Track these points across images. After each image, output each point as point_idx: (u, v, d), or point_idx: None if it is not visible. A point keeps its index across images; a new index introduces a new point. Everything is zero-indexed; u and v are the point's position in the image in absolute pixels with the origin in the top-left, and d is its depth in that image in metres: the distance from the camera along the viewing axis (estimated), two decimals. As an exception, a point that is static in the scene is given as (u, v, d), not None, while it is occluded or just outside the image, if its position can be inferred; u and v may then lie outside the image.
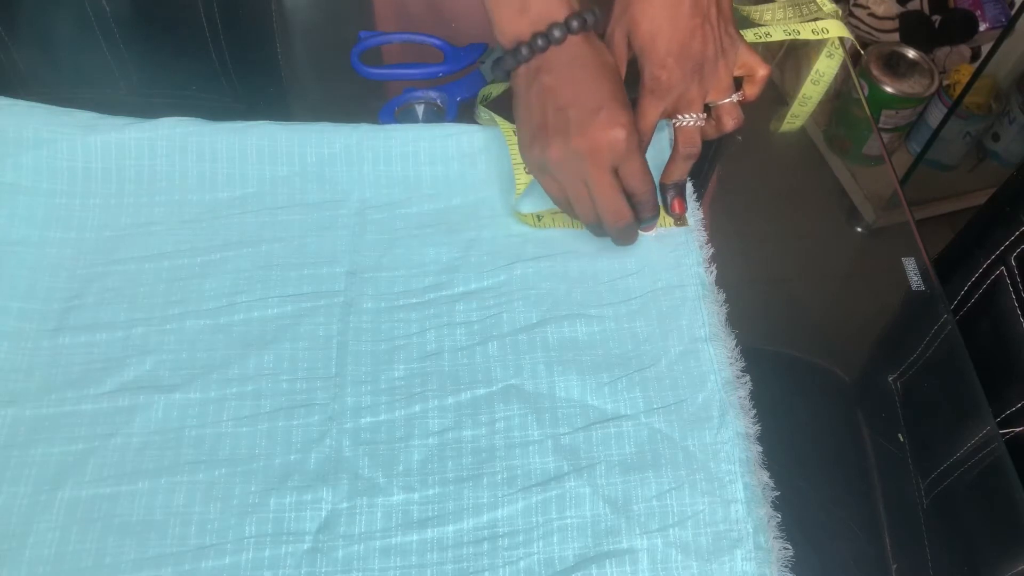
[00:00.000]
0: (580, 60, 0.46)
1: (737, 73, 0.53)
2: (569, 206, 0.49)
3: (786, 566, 0.40)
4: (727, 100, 0.52)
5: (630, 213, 0.48)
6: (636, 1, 0.49)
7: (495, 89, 0.57)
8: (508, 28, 0.47)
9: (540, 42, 0.46)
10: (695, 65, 0.49)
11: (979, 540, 0.43)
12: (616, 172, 0.47)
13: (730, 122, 0.52)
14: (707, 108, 0.52)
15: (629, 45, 0.51)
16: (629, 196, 0.49)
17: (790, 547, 0.41)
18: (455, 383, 0.46)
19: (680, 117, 0.51)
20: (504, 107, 0.52)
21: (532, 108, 0.47)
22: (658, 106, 0.50)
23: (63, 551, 0.40)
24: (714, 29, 0.50)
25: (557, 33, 0.46)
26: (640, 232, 0.51)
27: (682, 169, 0.52)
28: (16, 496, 0.42)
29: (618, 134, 0.45)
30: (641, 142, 0.49)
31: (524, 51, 0.46)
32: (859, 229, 0.54)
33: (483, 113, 0.56)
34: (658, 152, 0.54)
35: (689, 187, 0.54)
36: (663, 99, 0.50)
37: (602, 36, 0.50)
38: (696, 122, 0.51)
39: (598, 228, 0.50)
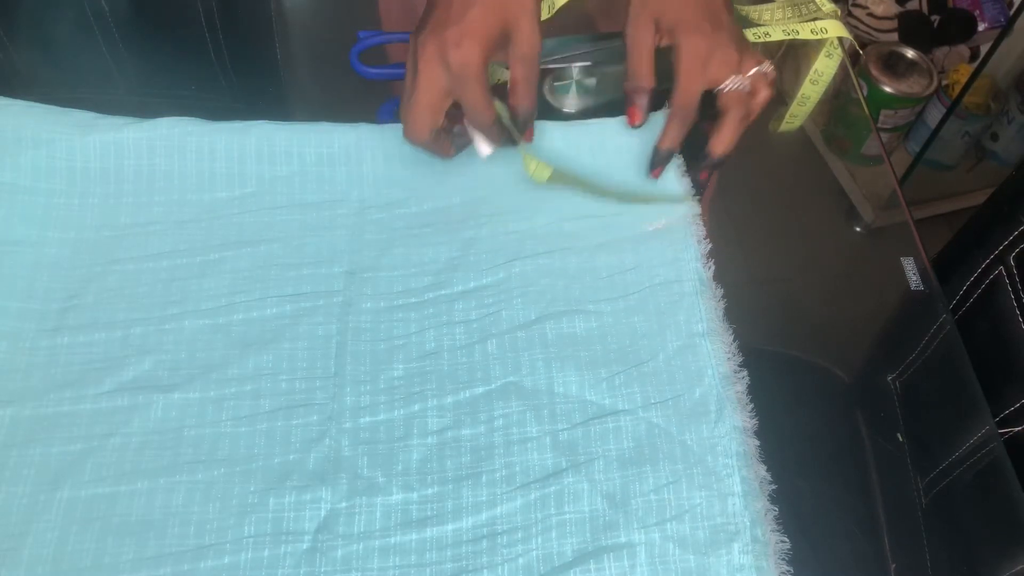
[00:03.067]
0: None
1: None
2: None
3: (783, 559, 0.40)
4: (758, 69, 0.51)
5: (426, 137, 0.49)
6: None
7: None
8: None
9: None
10: (730, 34, 0.51)
11: (977, 539, 0.44)
12: (448, 94, 0.48)
13: (765, 90, 0.52)
14: None
15: (658, 24, 0.51)
16: (467, 121, 0.50)
17: (787, 540, 0.41)
18: (454, 382, 0.46)
19: (724, 84, 0.51)
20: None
21: None
22: (701, 73, 0.50)
23: (62, 551, 0.40)
24: (731, 9, 0.51)
25: None
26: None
27: (729, 140, 0.51)
28: (15, 496, 0.42)
29: (453, 55, 0.45)
30: (683, 113, 0.51)
31: None
32: (858, 229, 0.54)
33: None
34: (667, 191, 0.54)
35: (688, 184, 0.54)
36: (706, 65, 0.50)
37: None
38: (741, 84, 0.51)
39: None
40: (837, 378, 0.50)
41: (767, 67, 0.52)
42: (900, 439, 0.46)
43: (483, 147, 0.52)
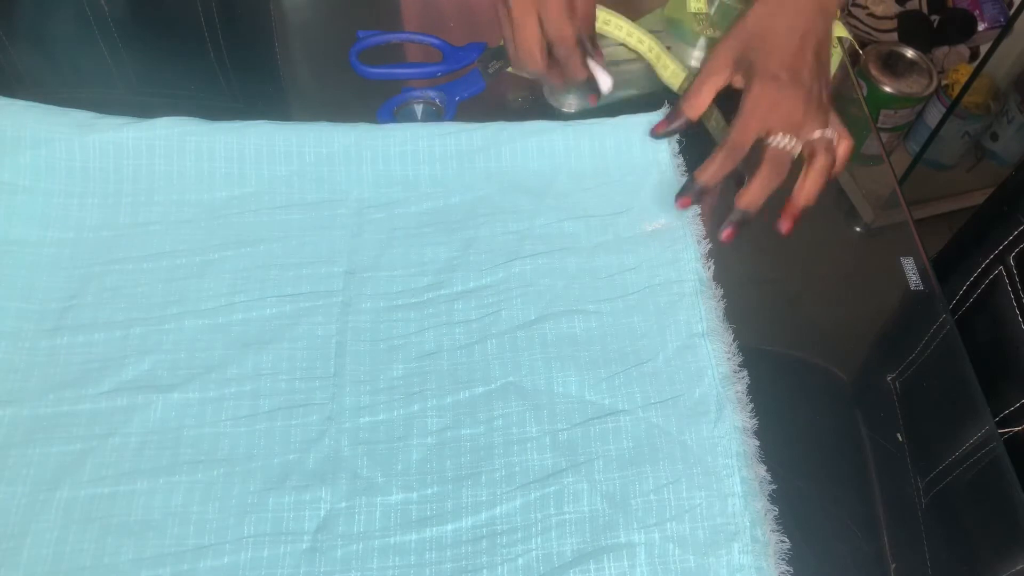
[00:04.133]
0: None
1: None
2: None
3: (783, 559, 0.40)
4: (822, 133, 0.51)
5: (542, 59, 0.53)
6: (756, 21, 0.51)
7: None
8: None
9: None
10: (806, 91, 0.50)
11: (977, 539, 0.44)
12: (539, 19, 0.51)
13: (823, 156, 0.51)
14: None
15: (737, 62, 0.52)
16: (550, 46, 0.53)
17: (787, 540, 0.41)
18: (454, 382, 0.46)
19: (775, 138, 0.50)
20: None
21: None
22: (763, 118, 0.50)
23: (61, 551, 0.40)
24: (820, 76, 0.51)
25: None
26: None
27: (757, 195, 0.50)
28: (14, 496, 0.42)
29: None
30: (732, 151, 0.50)
31: None
32: (858, 229, 0.54)
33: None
34: (666, 190, 0.54)
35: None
36: (770, 111, 0.50)
37: None
38: (791, 145, 0.50)
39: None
40: (837, 378, 0.50)
41: (830, 133, 0.51)
42: (900, 439, 0.46)
43: (604, 79, 0.54)
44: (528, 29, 0.52)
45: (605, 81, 0.55)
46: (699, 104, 0.54)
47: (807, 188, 0.50)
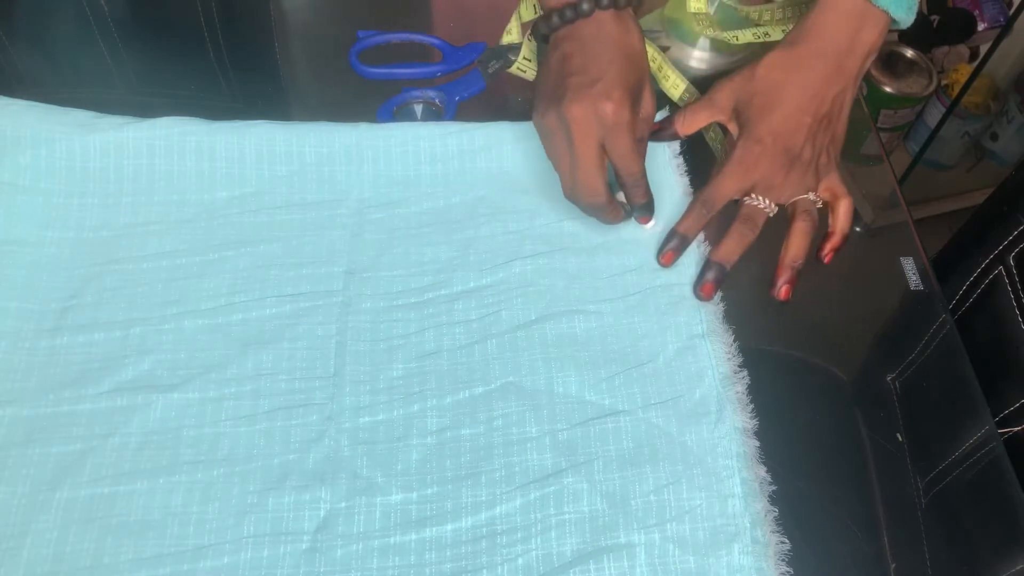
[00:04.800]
0: (603, 36, 0.48)
1: (821, 195, 0.52)
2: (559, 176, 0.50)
3: (783, 560, 0.40)
4: (804, 196, 0.51)
5: (605, 192, 0.49)
6: (764, 74, 0.50)
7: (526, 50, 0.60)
8: None
9: (569, 13, 0.48)
10: (790, 158, 0.50)
11: (977, 539, 0.44)
12: (603, 148, 0.48)
13: (803, 218, 0.50)
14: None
15: (735, 110, 0.52)
16: (616, 175, 0.50)
17: (787, 541, 0.41)
18: (454, 382, 0.46)
19: (753, 197, 0.50)
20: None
21: (548, 73, 0.49)
22: (740, 179, 0.50)
23: (61, 551, 0.40)
24: (819, 140, 0.50)
25: (586, 7, 0.47)
26: (639, 223, 0.52)
27: (731, 249, 0.50)
28: (14, 496, 0.42)
29: (606, 107, 0.46)
30: (707, 206, 0.50)
31: (555, 19, 0.48)
32: (857, 229, 0.54)
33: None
34: (669, 195, 0.54)
35: (687, 183, 0.54)
36: (748, 174, 0.50)
37: (637, 9, 0.51)
38: (765, 207, 0.50)
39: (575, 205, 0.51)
40: (837, 378, 0.50)
41: (813, 197, 0.51)
42: (900, 439, 0.46)
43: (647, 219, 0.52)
44: (593, 161, 0.47)
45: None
46: (691, 125, 0.54)
47: (791, 250, 0.50)
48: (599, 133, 0.47)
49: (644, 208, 0.51)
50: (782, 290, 0.50)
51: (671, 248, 0.51)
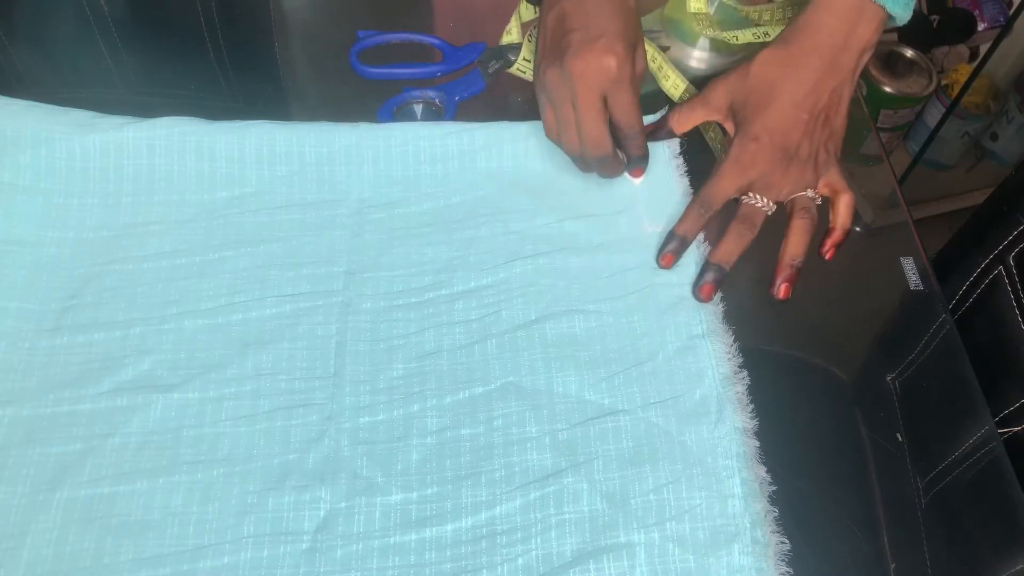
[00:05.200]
0: None
1: (821, 192, 0.52)
2: (559, 133, 0.50)
3: (783, 560, 0.40)
4: (803, 193, 0.51)
5: (610, 144, 0.49)
6: (759, 71, 0.50)
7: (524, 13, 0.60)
8: None
9: None
10: (787, 155, 0.50)
11: (977, 539, 0.44)
12: (605, 102, 0.48)
13: (802, 215, 0.50)
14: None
15: (731, 109, 0.52)
16: (615, 129, 0.50)
17: (787, 541, 0.41)
18: (454, 382, 0.46)
19: (750, 196, 0.50)
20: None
21: (547, 31, 0.49)
22: (737, 178, 0.50)
23: (61, 551, 0.40)
24: (817, 135, 0.50)
25: None
26: (628, 176, 0.53)
27: (729, 250, 0.50)
28: (14, 496, 0.42)
29: (609, 61, 0.46)
30: (705, 206, 0.50)
31: None
32: (857, 228, 0.54)
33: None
34: (668, 195, 0.54)
35: (687, 184, 0.54)
36: (745, 172, 0.50)
37: None
38: (763, 206, 0.50)
39: (581, 161, 0.51)
40: (837, 378, 0.50)
41: (812, 194, 0.51)
42: (900, 439, 0.46)
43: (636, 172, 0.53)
44: (597, 114, 0.48)
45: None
46: (685, 123, 0.54)
47: (790, 248, 0.50)
48: (602, 87, 0.47)
49: (640, 159, 0.52)
50: (781, 288, 0.50)
51: (670, 250, 0.50)
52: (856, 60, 0.50)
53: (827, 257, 0.52)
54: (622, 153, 0.52)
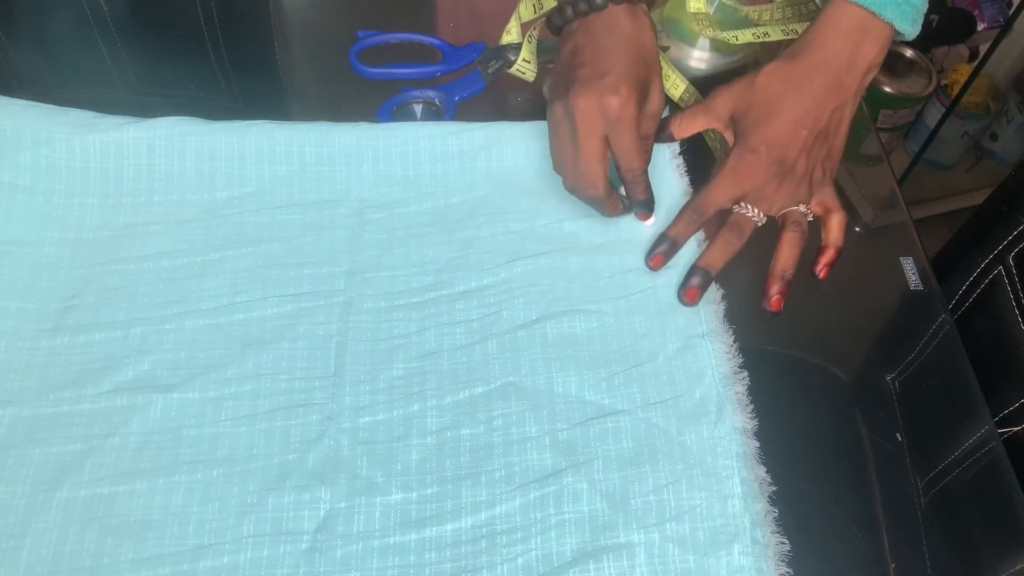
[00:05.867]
0: (615, 29, 0.48)
1: (814, 209, 0.52)
2: (560, 168, 0.50)
3: (783, 560, 0.40)
4: (795, 208, 0.51)
5: (603, 186, 0.49)
6: (763, 84, 0.50)
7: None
8: None
9: (582, 6, 0.48)
10: (783, 170, 0.50)
11: (977, 539, 0.44)
12: (608, 141, 0.48)
13: (793, 228, 0.50)
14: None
15: (732, 118, 0.52)
16: (617, 170, 0.50)
17: (787, 542, 0.41)
18: (454, 382, 0.46)
19: (743, 206, 0.50)
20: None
21: (560, 64, 0.49)
22: (732, 188, 0.50)
23: (61, 551, 0.40)
24: (814, 153, 0.50)
25: (599, 0, 0.48)
26: (639, 220, 0.52)
27: (716, 256, 0.50)
28: (14, 496, 0.42)
29: (611, 100, 0.46)
30: (698, 212, 0.50)
31: (568, 12, 0.49)
32: (857, 229, 0.54)
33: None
34: (668, 195, 0.54)
35: (687, 184, 0.54)
36: (740, 183, 0.50)
37: (650, 6, 0.51)
38: (754, 216, 0.50)
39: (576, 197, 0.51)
40: (837, 378, 0.50)
41: (804, 209, 0.51)
42: (899, 439, 0.46)
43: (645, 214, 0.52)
44: (594, 153, 0.47)
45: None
46: (686, 129, 0.54)
47: (780, 260, 0.50)
48: (603, 126, 0.47)
49: (643, 205, 0.52)
50: (773, 300, 0.49)
51: (660, 251, 0.51)
52: (860, 80, 0.50)
53: (821, 276, 0.51)
54: (627, 197, 0.52)
